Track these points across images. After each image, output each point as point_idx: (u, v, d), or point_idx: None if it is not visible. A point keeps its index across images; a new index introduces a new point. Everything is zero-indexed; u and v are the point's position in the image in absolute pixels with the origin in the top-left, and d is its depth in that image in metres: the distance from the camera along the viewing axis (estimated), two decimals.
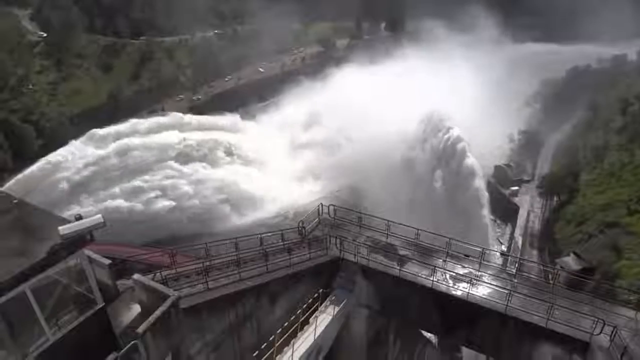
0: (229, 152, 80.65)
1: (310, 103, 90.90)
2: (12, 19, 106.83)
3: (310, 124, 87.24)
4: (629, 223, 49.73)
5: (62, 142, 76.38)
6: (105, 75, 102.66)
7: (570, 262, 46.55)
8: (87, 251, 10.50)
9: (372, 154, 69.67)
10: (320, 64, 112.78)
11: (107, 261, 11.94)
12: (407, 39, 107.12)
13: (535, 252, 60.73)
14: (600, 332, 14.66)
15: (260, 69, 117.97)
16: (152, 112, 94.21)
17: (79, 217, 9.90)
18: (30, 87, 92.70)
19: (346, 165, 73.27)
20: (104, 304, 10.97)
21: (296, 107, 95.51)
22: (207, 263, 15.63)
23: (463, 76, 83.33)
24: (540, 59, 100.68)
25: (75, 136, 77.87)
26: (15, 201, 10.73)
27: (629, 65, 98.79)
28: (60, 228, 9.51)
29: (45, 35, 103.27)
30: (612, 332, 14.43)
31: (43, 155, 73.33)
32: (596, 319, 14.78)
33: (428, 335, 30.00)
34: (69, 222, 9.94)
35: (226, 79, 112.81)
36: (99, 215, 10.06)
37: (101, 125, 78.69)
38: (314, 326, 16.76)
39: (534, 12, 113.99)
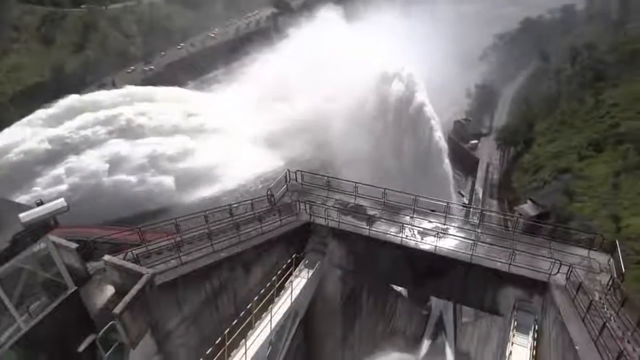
0: (186, 123, 78.08)
1: (269, 66, 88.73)
2: None
3: (269, 88, 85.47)
4: (579, 168, 52.52)
5: (5, 124, 71.67)
6: (47, 48, 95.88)
7: (528, 208, 49.06)
8: (52, 236, 10.20)
9: (332, 113, 69.54)
10: (275, 26, 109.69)
11: (74, 244, 11.63)
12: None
13: (495, 202, 63.36)
14: (557, 272, 15.76)
15: (213, 35, 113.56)
16: (102, 86, 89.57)
17: (39, 203, 9.57)
18: None
19: (309, 127, 72.81)
20: (75, 288, 10.79)
21: (254, 72, 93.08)
22: (179, 238, 15.50)
23: (419, 32, 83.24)
24: (494, 12, 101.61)
25: (19, 116, 73.17)
26: None
27: (578, 14, 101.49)
28: (21, 215, 9.17)
29: None
30: (568, 271, 15.51)
31: None
32: (553, 260, 15.84)
33: (399, 289, 31.33)
34: (30, 208, 9.58)
35: (178, 47, 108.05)
36: (62, 199, 9.74)
37: (46, 102, 74.13)
38: (289, 291, 17.14)
39: None
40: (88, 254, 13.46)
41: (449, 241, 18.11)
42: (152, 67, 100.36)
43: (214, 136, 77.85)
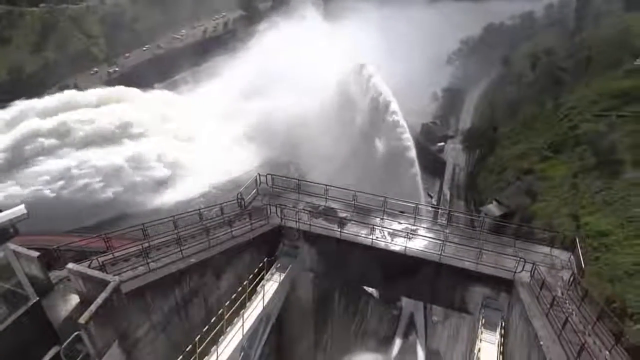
0: (146, 127, 76.04)
1: (237, 68, 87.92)
2: None
3: (237, 89, 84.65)
4: (542, 169, 54.52)
5: None
6: (3, 48, 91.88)
7: (493, 209, 50.63)
8: (12, 245, 9.77)
9: (301, 114, 69.49)
10: (243, 28, 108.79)
11: (36, 253, 11.18)
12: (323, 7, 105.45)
13: (462, 203, 64.96)
14: (522, 270, 16.29)
15: (180, 37, 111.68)
16: (63, 88, 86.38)
17: None
18: None
19: (279, 129, 72.54)
20: (37, 298, 10.37)
21: (221, 73, 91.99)
22: (146, 244, 15.12)
23: (382, 39, 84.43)
24: (457, 17, 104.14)
25: None
26: None
27: (537, 21, 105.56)
28: None
29: None
30: (532, 268, 16.07)
31: None
32: (518, 259, 16.36)
33: (370, 290, 31.65)
34: None
35: (144, 49, 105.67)
36: (22, 206, 9.36)
37: (2, 105, 70.94)
38: (261, 295, 17.00)
39: None
40: (51, 263, 12.95)
41: (419, 242, 18.43)
42: (116, 69, 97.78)
43: (185, 139, 76.41)
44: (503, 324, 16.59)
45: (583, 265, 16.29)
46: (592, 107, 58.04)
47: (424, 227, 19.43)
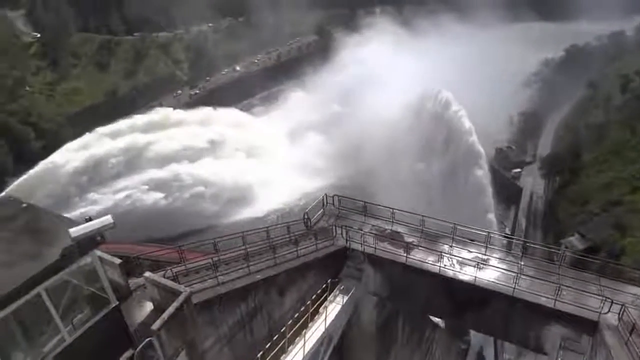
0: (227, 145, 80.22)
1: (310, 91, 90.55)
2: (5, 21, 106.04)
3: (309, 112, 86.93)
4: (632, 200, 49.85)
5: (62, 143, 76.26)
6: (102, 73, 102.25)
7: (575, 241, 46.86)
8: (98, 252, 10.60)
9: (373, 137, 69.55)
10: (316, 52, 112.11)
11: (118, 260, 12.03)
12: (403, 23, 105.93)
13: (539, 233, 60.94)
14: (609, 311, 14.79)
15: (256, 61, 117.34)
16: (150, 109, 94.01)
17: (88, 219, 9.99)
18: (27, 88, 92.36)
19: (348, 152, 73.09)
20: (117, 302, 11.09)
21: (294, 96, 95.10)
22: (216, 258, 15.72)
23: (460, 57, 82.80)
24: (539, 38, 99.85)
25: (75, 136, 77.71)
26: (24, 205, 10.80)
27: (627, 41, 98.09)
28: (70, 230, 9.59)
29: (39, 35, 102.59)
30: (620, 310, 14.55)
31: (44, 157, 73.23)
32: (604, 298, 14.89)
33: (436, 320, 30.31)
34: (79, 224, 10.02)
35: (223, 72, 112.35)
36: (109, 216, 10.13)
37: (100, 123, 78.47)
38: (323, 316, 16.94)
39: None
40: (130, 270, 13.86)
41: (490, 272, 17.44)
42: (197, 91, 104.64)
43: (254, 158, 79.50)
44: None
45: None
46: None
47: (496, 257, 18.39)
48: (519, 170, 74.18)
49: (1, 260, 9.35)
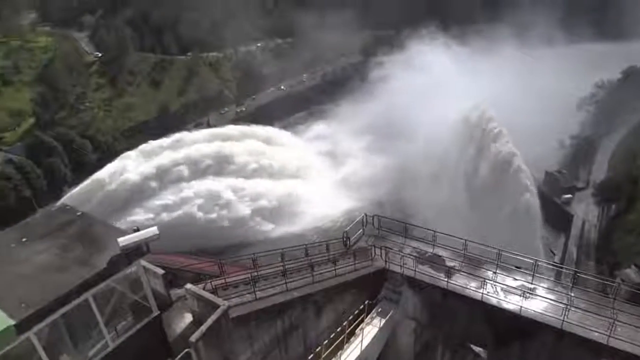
0: (269, 163, 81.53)
1: (353, 110, 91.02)
2: (72, 42, 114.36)
3: (352, 130, 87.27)
4: None
5: (116, 155, 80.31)
6: (155, 90, 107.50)
7: (632, 274, 43.92)
8: (143, 261, 11.00)
9: (416, 158, 68.66)
10: (360, 72, 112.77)
11: (161, 271, 12.40)
12: (452, 42, 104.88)
13: (591, 264, 57.60)
14: None
15: (302, 80, 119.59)
16: (198, 125, 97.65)
17: (136, 230, 10.42)
18: (87, 104, 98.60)
19: (388, 173, 72.50)
20: (158, 312, 11.42)
21: (337, 115, 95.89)
22: (255, 273, 15.88)
23: (512, 77, 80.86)
24: (595, 58, 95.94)
25: (128, 149, 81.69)
26: (79, 214, 11.42)
27: None
28: (119, 240, 10.03)
29: (100, 55, 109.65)
30: None
31: (99, 168, 77.30)
32: None
33: (477, 349, 29.01)
34: (127, 233, 10.47)
35: (268, 91, 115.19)
36: (155, 228, 10.53)
37: (151, 138, 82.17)
38: (360, 338, 16.64)
39: (589, 10, 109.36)
40: (172, 281, 14.24)
41: (537, 303, 16.58)
42: (243, 109, 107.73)
43: (297, 177, 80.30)
44: None
45: None
46: None
47: (543, 287, 17.47)
48: (570, 196, 70.71)
49: (55, 265, 9.90)
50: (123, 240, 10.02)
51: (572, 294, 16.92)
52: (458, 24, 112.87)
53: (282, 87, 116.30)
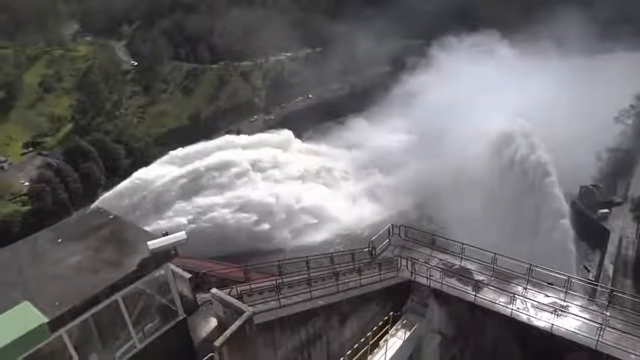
0: (293, 170, 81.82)
1: (382, 119, 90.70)
2: (110, 51, 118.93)
3: (381, 140, 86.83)
4: None
5: (148, 161, 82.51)
6: (187, 98, 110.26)
7: None
8: (171, 265, 11.21)
9: (446, 170, 67.61)
10: (389, 82, 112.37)
11: (188, 275, 12.61)
12: (482, 52, 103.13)
13: (629, 282, 55.09)
14: None
15: (332, 89, 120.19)
16: (228, 133, 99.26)
17: (165, 234, 10.64)
18: (122, 110, 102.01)
19: (415, 184, 71.64)
20: (184, 315, 11.59)
21: (366, 124, 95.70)
22: (280, 280, 15.92)
23: (549, 87, 78.85)
24: (634, 69, 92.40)
25: (160, 155, 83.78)
26: (111, 217, 11.77)
27: None
28: (149, 243, 10.27)
29: (136, 64, 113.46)
30: None
31: (132, 173, 79.53)
32: None
33: None
34: (156, 237, 10.70)
35: (297, 100, 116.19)
36: (183, 232, 10.73)
37: (182, 144, 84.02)
38: (384, 349, 16.40)
39: (630, 19, 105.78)
40: (198, 285, 14.45)
41: (569, 321, 15.95)
42: (272, 117, 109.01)
43: (325, 186, 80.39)
44: None
45: None
46: None
47: (576, 305, 16.80)
48: (606, 210, 68.07)
49: (87, 266, 10.21)
50: (152, 244, 10.25)
51: (608, 314, 16.21)
52: (489, 34, 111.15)
53: (310, 96, 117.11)
